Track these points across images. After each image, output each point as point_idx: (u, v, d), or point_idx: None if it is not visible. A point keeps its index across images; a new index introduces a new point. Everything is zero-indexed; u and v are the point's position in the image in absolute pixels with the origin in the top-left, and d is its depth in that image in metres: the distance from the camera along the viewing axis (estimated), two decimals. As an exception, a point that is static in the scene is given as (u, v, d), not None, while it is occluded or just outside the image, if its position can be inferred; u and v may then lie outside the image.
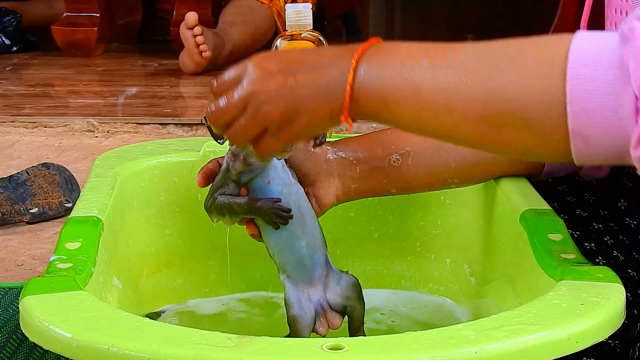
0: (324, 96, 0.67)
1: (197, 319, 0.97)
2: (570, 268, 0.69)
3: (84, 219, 0.80)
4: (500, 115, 0.64)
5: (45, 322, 0.60)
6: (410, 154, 0.87)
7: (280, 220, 0.78)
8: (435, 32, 3.36)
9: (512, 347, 0.58)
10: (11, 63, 2.55)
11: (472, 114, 0.64)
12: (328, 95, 0.66)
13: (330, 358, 0.56)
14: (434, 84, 0.65)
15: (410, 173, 0.86)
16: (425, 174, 0.88)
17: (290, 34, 1.06)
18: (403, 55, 0.66)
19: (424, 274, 1.02)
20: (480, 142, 0.66)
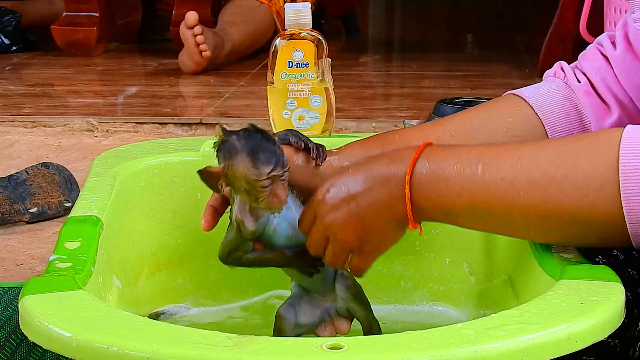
0: (387, 212, 0.73)
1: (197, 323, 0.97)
2: (570, 267, 0.69)
3: (83, 219, 0.80)
4: (561, 222, 0.70)
5: (45, 322, 0.60)
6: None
7: (313, 270, 0.80)
8: (436, 32, 3.36)
9: (512, 346, 0.58)
10: (11, 63, 2.55)
11: (533, 221, 0.71)
12: (391, 211, 0.73)
13: (329, 357, 0.56)
14: (489, 198, 0.70)
15: None
16: None
17: (290, 33, 1.06)
18: (454, 167, 0.71)
19: (424, 273, 1.02)
20: (546, 240, 0.74)
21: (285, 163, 0.73)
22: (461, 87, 2.17)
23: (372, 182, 0.72)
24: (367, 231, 0.74)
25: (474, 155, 0.71)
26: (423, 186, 0.71)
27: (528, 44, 2.71)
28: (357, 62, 2.59)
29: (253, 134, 0.73)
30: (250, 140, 0.73)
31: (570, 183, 0.68)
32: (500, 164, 0.70)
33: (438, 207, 0.72)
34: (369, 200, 0.72)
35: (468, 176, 0.70)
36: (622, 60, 0.85)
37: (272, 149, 0.73)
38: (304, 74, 1.06)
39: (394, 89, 2.35)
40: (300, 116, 1.08)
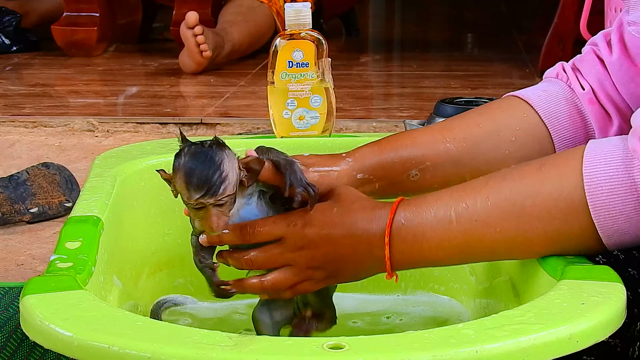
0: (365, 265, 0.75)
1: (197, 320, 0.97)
2: (571, 267, 0.69)
3: (84, 219, 0.80)
4: (541, 244, 0.72)
5: (46, 322, 0.60)
6: (429, 169, 0.87)
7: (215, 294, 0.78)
8: (436, 31, 3.35)
9: (513, 346, 0.58)
10: (11, 63, 2.55)
11: (514, 249, 0.73)
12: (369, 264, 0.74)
13: (330, 357, 0.56)
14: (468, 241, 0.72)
15: (427, 186, 0.87)
16: (441, 187, 0.88)
17: (290, 33, 1.06)
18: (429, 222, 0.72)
19: (425, 272, 1.02)
20: (529, 257, 0.75)
21: (222, 191, 0.70)
22: (462, 86, 2.17)
23: (353, 237, 0.73)
24: (339, 272, 0.75)
25: (445, 203, 0.73)
26: (402, 246, 0.73)
27: (528, 43, 2.71)
28: (358, 61, 2.59)
29: (201, 152, 0.71)
30: (192, 160, 0.70)
31: (540, 209, 0.70)
32: (470, 206, 0.72)
33: (420, 261, 0.74)
34: (348, 252, 0.73)
35: (444, 226, 0.72)
36: (618, 66, 0.85)
37: (208, 175, 0.69)
38: (304, 73, 1.06)
39: (394, 88, 2.35)
40: (301, 116, 1.08)
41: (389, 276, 0.74)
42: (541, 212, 0.70)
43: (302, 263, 0.74)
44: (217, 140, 0.72)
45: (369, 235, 0.73)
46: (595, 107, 0.86)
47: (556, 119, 0.87)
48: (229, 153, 0.72)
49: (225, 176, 0.70)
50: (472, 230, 0.71)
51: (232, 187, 0.71)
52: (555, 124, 0.87)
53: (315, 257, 0.73)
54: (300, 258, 0.74)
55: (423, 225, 0.72)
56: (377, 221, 0.73)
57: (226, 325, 0.95)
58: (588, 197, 0.69)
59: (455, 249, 0.73)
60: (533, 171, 0.72)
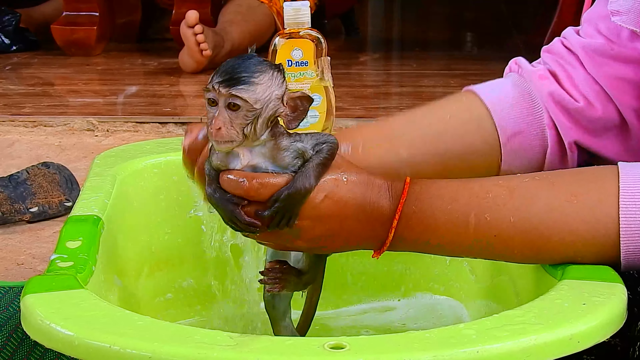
0: (366, 235, 0.71)
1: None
2: (572, 267, 0.69)
3: (84, 218, 0.80)
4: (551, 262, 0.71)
5: (47, 321, 0.60)
6: (360, 144, 0.86)
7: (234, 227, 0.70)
8: (435, 30, 3.35)
9: (514, 346, 0.58)
10: (11, 62, 2.54)
11: (521, 262, 0.72)
12: (368, 239, 0.72)
13: (331, 357, 0.56)
14: (481, 252, 0.71)
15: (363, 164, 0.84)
16: (378, 165, 0.87)
17: (289, 32, 1.06)
18: (442, 217, 0.70)
19: (424, 271, 1.02)
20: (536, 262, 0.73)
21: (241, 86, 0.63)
22: (461, 85, 2.15)
23: (363, 213, 0.70)
24: (330, 245, 0.71)
25: (465, 203, 0.70)
26: (408, 232, 0.71)
27: (528, 43, 2.71)
28: (357, 60, 2.59)
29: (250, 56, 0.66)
30: (237, 58, 0.66)
31: (567, 247, 0.69)
32: (492, 220, 0.69)
33: (418, 249, 0.73)
34: (352, 227, 0.70)
35: (459, 229, 0.70)
36: (592, 48, 0.85)
37: (238, 67, 0.64)
38: (303, 72, 1.06)
39: (393, 87, 2.35)
40: (301, 115, 1.08)
41: (377, 255, 0.72)
42: (567, 249, 0.69)
43: (304, 232, 0.70)
44: (279, 65, 0.67)
45: (379, 213, 0.70)
46: (548, 81, 0.87)
47: (496, 98, 0.88)
48: (278, 78, 0.66)
49: (254, 80, 0.64)
50: (488, 242, 0.70)
51: (256, 98, 0.64)
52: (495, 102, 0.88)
53: (317, 231, 0.70)
54: (304, 227, 0.69)
55: (436, 220, 0.70)
56: (388, 200, 0.70)
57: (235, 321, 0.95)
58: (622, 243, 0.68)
59: (462, 249, 0.72)
60: (563, 201, 0.69)
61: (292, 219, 0.68)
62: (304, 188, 0.67)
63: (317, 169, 0.68)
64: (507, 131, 0.87)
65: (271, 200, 0.67)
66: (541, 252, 0.70)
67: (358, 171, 0.71)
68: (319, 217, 0.69)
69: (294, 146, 0.68)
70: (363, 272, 1.00)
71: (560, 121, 0.86)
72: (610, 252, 0.69)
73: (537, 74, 0.88)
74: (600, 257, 0.69)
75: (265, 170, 0.68)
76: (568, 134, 0.86)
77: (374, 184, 0.71)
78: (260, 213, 0.67)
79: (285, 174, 0.68)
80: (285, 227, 0.68)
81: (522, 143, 0.87)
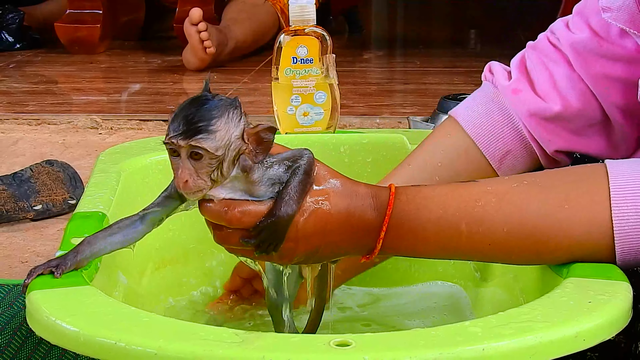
0: (351, 248, 0.70)
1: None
2: (577, 265, 0.69)
3: (89, 214, 0.80)
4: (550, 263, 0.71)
5: (52, 317, 0.60)
6: None
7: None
8: (439, 28, 3.35)
9: (520, 344, 0.58)
10: (14, 60, 2.55)
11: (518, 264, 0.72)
12: (347, 254, 0.71)
13: (337, 354, 0.56)
14: (475, 256, 0.71)
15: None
16: None
17: (294, 29, 1.06)
18: (431, 228, 0.69)
19: (429, 268, 1.02)
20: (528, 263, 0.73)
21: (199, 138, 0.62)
22: (465, 83, 2.17)
23: (348, 226, 0.68)
24: (317, 258, 0.70)
25: (454, 212, 0.68)
26: (398, 241, 0.69)
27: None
28: (361, 58, 2.59)
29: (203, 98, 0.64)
30: (190, 102, 0.64)
31: (564, 251, 0.69)
32: (484, 230, 0.68)
33: (409, 255, 0.72)
34: (338, 240, 0.69)
35: (452, 238, 0.69)
36: (582, 45, 0.85)
37: (193, 116, 0.62)
38: (308, 69, 1.06)
39: (397, 85, 2.35)
40: (305, 112, 1.08)
41: (365, 260, 0.71)
42: (565, 252, 0.69)
43: (287, 253, 0.68)
44: (233, 100, 0.65)
45: (365, 224, 0.68)
46: (522, 94, 0.87)
47: (478, 124, 0.88)
48: (235, 115, 0.65)
49: (211, 129, 0.63)
50: (483, 249, 0.69)
51: (217, 145, 0.63)
52: (476, 130, 0.88)
53: (301, 249, 0.68)
54: (287, 248, 0.68)
55: (426, 231, 0.69)
56: (373, 210, 0.68)
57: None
58: (617, 243, 0.68)
59: (457, 256, 0.71)
60: (556, 206, 0.68)
61: (277, 244, 0.67)
62: (286, 214, 0.66)
63: (297, 192, 0.66)
64: (496, 156, 0.88)
65: (256, 230, 0.66)
66: (541, 255, 0.70)
67: (341, 181, 0.69)
68: (303, 237, 0.68)
69: (267, 175, 0.67)
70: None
71: (540, 135, 0.87)
72: (605, 253, 0.69)
73: (510, 89, 0.88)
74: (597, 258, 0.69)
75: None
76: (549, 146, 0.87)
77: (357, 194, 0.69)
78: (246, 240, 0.67)
79: (266, 200, 0.67)
80: (272, 252, 0.67)
81: (513, 161, 0.88)
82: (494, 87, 0.90)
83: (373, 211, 0.68)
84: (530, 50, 0.91)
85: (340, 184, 0.69)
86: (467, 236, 0.68)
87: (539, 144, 0.87)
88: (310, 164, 0.67)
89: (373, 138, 1.04)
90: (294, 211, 0.66)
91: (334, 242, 0.69)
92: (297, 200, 0.66)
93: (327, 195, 0.68)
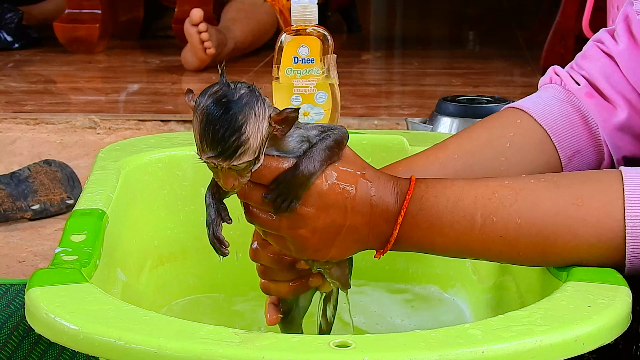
0: (364, 240, 0.71)
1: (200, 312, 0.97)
2: (577, 269, 0.69)
3: (88, 212, 0.80)
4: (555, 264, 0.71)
5: (52, 314, 0.60)
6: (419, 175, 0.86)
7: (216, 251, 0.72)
8: (437, 28, 3.35)
9: (520, 347, 0.57)
10: (13, 59, 2.54)
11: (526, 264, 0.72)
12: (367, 240, 0.71)
13: (337, 355, 0.56)
14: (485, 252, 0.70)
15: None
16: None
17: (296, 28, 1.06)
18: (448, 216, 0.69)
19: (426, 270, 1.02)
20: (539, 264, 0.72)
21: (237, 156, 0.62)
22: (463, 84, 2.17)
23: (367, 206, 0.69)
24: (329, 245, 0.70)
25: (471, 203, 0.69)
26: (414, 231, 0.70)
27: (530, 40, 2.71)
28: (359, 59, 2.59)
29: (226, 101, 0.62)
30: (214, 108, 0.62)
31: (571, 251, 0.69)
32: (498, 221, 0.69)
33: (422, 249, 0.72)
34: (355, 222, 0.69)
35: (465, 229, 0.69)
36: (627, 55, 0.85)
37: (225, 135, 0.61)
38: (309, 69, 1.06)
39: (395, 86, 2.35)
40: (305, 112, 1.08)
41: (380, 255, 0.72)
42: (572, 252, 0.69)
43: (308, 221, 0.68)
44: (252, 89, 0.63)
45: (384, 209, 0.69)
46: (595, 99, 0.86)
47: (552, 119, 0.86)
48: (260, 108, 0.63)
49: (245, 140, 0.62)
50: (494, 243, 0.70)
51: (254, 152, 0.63)
52: (552, 124, 0.86)
53: (321, 221, 0.68)
54: (306, 215, 0.68)
55: (441, 219, 0.70)
56: (393, 197, 0.70)
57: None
58: (627, 246, 0.68)
59: (465, 250, 0.71)
60: (569, 204, 0.69)
61: (293, 202, 0.67)
62: (307, 170, 0.66)
63: (323, 153, 0.67)
64: (567, 152, 0.86)
65: (274, 183, 0.67)
66: (546, 254, 0.70)
67: (366, 166, 0.71)
68: (323, 206, 0.68)
69: (297, 132, 0.68)
70: (365, 269, 0.99)
71: (611, 141, 0.86)
72: (614, 255, 0.69)
73: (584, 92, 0.87)
74: (605, 260, 0.69)
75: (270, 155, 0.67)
76: (617, 152, 0.86)
77: (380, 179, 0.70)
78: (264, 195, 0.67)
79: (290, 158, 0.67)
80: (286, 210, 0.67)
81: (581, 161, 0.87)
82: (564, 90, 0.88)
83: (393, 196, 0.70)
84: (583, 61, 0.89)
85: (365, 167, 0.70)
86: (481, 227, 0.69)
87: (608, 149, 0.87)
88: (342, 136, 0.68)
89: (373, 139, 1.03)
90: (315, 170, 0.67)
91: (353, 225, 0.69)
92: (320, 162, 0.67)
93: (352, 173, 0.69)
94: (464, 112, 1.47)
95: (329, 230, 0.69)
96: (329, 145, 0.68)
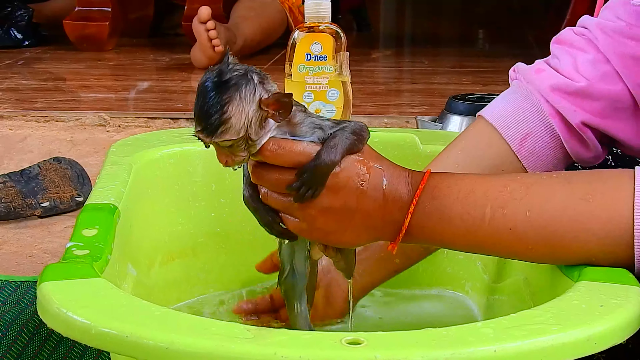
0: (377, 230, 0.72)
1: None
2: (589, 269, 0.69)
3: (100, 206, 0.80)
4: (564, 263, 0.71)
5: (64, 309, 0.60)
6: None
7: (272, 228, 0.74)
8: (447, 27, 3.35)
9: (532, 346, 0.57)
10: (23, 57, 2.55)
11: (534, 261, 0.73)
12: (382, 229, 0.72)
13: (349, 352, 0.55)
14: (494, 246, 0.71)
15: (409, 247, 0.86)
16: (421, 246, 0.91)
17: (309, 25, 1.05)
18: (458, 207, 0.70)
19: (437, 269, 1.02)
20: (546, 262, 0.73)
21: (219, 134, 0.65)
22: (473, 83, 2.17)
23: (381, 195, 0.70)
24: (342, 229, 0.71)
25: (482, 196, 0.70)
26: (425, 220, 0.71)
27: (540, 39, 2.69)
28: (369, 57, 2.59)
29: (215, 81, 0.65)
30: (204, 86, 0.65)
31: (580, 246, 0.69)
32: (508, 214, 0.70)
33: (432, 241, 0.73)
34: (367, 208, 0.71)
35: (475, 221, 0.70)
36: (611, 28, 0.85)
37: (208, 112, 0.64)
38: (322, 67, 1.06)
39: (405, 84, 2.35)
40: (317, 109, 1.08)
41: (393, 246, 0.72)
42: (581, 248, 0.69)
43: (322, 201, 0.70)
44: (246, 72, 0.67)
45: (397, 198, 0.70)
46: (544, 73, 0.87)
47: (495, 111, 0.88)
48: (248, 91, 0.66)
49: (225, 119, 0.65)
50: (503, 236, 0.70)
51: (237, 132, 0.66)
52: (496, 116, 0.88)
53: (335, 203, 0.70)
54: (322, 196, 0.70)
55: (452, 210, 0.70)
56: (406, 186, 0.71)
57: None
58: (636, 243, 0.68)
59: (475, 242, 0.71)
60: (579, 199, 0.69)
61: (317, 190, 0.69)
62: (329, 160, 0.69)
63: (342, 144, 0.69)
64: (516, 138, 0.87)
65: (299, 173, 0.69)
66: (555, 248, 0.70)
67: (381, 157, 0.73)
68: (335, 187, 0.69)
69: (309, 119, 0.70)
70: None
71: (563, 106, 0.86)
72: (624, 253, 0.68)
73: (534, 69, 0.88)
74: (614, 257, 0.69)
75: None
76: (574, 117, 0.86)
77: (394, 169, 0.72)
78: (287, 187, 0.69)
79: (312, 143, 0.70)
80: (310, 199, 0.69)
81: (534, 143, 0.87)
82: (518, 81, 0.90)
83: (406, 186, 0.71)
84: (555, 45, 0.90)
85: (380, 158, 0.72)
86: (490, 220, 0.70)
87: (561, 118, 0.86)
88: (362, 127, 0.71)
89: (384, 137, 1.03)
90: (337, 160, 0.69)
91: (366, 211, 0.70)
92: (341, 152, 0.69)
93: (367, 162, 0.71)
94: (473, 111, 1.46)
95: (341, 214, 0.70)
96: (348, 136, 0.70)
